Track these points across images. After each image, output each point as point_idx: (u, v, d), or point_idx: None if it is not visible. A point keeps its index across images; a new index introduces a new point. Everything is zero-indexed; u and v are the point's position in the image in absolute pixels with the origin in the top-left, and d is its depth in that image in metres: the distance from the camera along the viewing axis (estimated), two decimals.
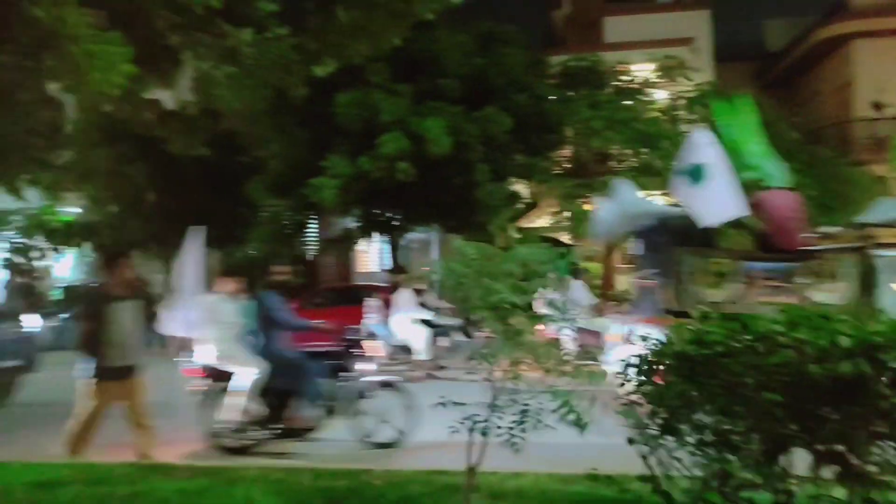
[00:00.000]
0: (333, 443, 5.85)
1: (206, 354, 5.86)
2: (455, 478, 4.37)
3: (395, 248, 15.81)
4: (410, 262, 18.60)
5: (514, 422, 2.94)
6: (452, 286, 2.92)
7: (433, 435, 5.99)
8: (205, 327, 5.76)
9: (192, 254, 6.06)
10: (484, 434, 2.96)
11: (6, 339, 7.65)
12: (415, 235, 16.90)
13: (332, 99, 12.52)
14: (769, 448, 2.35)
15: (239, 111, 7.21)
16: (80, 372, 5.19)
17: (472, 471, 3.13)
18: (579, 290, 9.89)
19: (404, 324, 10.01)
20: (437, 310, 10.54)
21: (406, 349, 10.05)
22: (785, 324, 2.41)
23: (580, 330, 9.01)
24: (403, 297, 10.31)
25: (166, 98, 8.43)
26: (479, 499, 3.89)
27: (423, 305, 10.41)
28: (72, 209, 16.64)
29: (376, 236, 15.65)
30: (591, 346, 8.84)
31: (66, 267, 18.02)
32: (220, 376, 5.81)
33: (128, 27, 4.78)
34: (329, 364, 5.89)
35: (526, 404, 2.94)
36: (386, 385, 5.90)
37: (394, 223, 14.88)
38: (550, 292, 9.53)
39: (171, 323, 5.93)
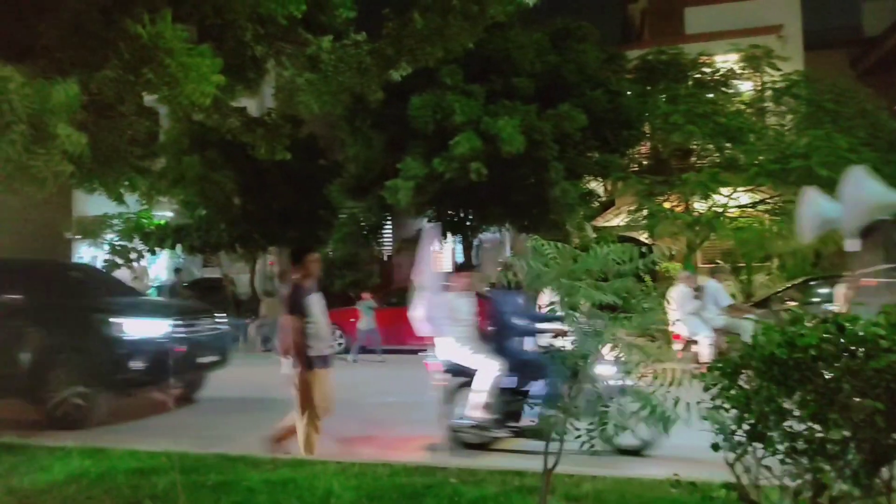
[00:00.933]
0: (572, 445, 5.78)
1: (447, 351, 5.92)
2: (531, 479, 4.36)
3: (467, 248, 15.88)
4: (483, 261, 18.62)
5: (592, 423, 2.90)
6: (529, 285, 2.91)
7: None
8: (444, 324, 5.81)
9: (427, 251, 6.03)
10: (561, 435, 2.93)
11: (208, 334, 7.96)
12: (488, 235, 16.91)
13: (406, 102, 12.71)
14: (869, 458, 2.22)
15: (319, 116, 7.46)
16: (288, 366, 5.32)
17: (548, 473, 3.10)
18: (716, 291, 9.23)
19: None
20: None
21: None
22: (887, 327, 2.27)
23: (717, 331, 8.61)
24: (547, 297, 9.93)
25: (251, 106, 8.83)
26: (556, 501, 3.86)
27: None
28: (165, 213, 17.70)
29: (450, 236, 15.76)
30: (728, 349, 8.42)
31: (161, 268, 19.14)
32: (460, 373, 5.87)
33: (217, 40, 5.04)
34: (567, 365, 5.79)
35: (605, 406, 2.89)
36: (627, 389, 5.67)
37: (467, 223, 14.94)
38: (681, 292, 8.97)
39: (418, 322, 5.93)
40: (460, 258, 16.96)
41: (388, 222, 16.99)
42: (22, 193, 3.88)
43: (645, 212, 13.53)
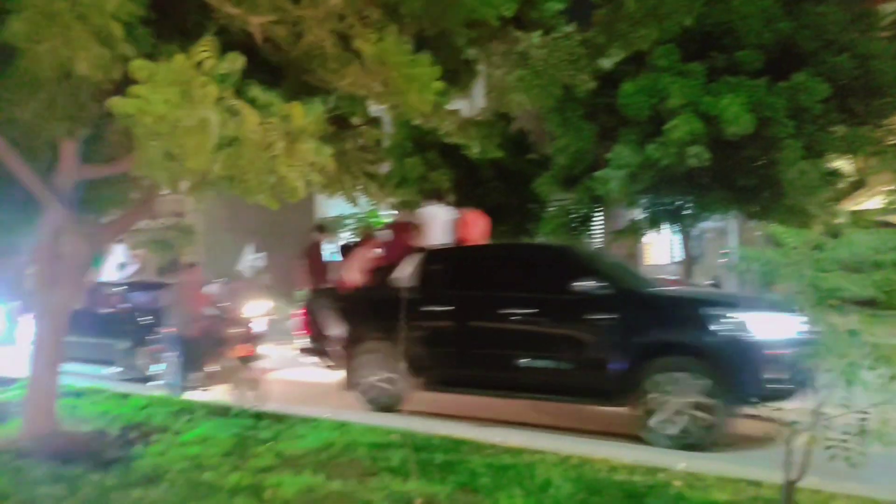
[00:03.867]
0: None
1: None
2: (768, 491, 3.98)
3: (686, 238, 14.91)
4: (704, 252, 17.34)
5: (847, 432, 2.56)
6: (766, 278, 2.65)
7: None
8: None
9: None
10: (809, 445, 2.64)
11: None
12: (709, 224, 15.71)
13: (617, 88, 12.31)
14: None
15: (528, 111, 7.56)
16: None
17: (790, 485, 2.81)
18: None
19: None
20: None
21: None
22: None
23: None
24: None
25: (464, 106, 9.23)
26: None
27: None
28: (389, 212, 19.34)
29: (666, 226, 14.94)
30: None
31: None
32: None
33: (433, 48, 5.36)
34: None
35: (865, 412, 2.53)
36: None
37: (685, 211, 14.04)
38: None
39: None
40: (679, 249, 16.00)
41: (600, 213, 16.62)
42: (278, 201, 4.51)
43: None
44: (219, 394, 7.64)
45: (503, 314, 6.56)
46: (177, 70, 3.20)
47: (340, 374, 7.59)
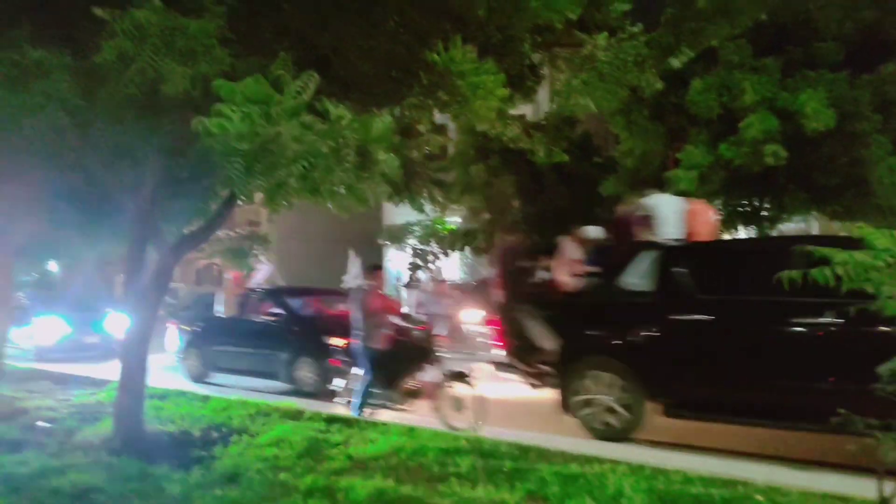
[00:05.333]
0: None
1: None
2: None
3: None
4: None
5: None
6: (854, 280, 2.51)
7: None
8: None
9: None
10: None
11: None
12: (788, 225, 15.02)
13: (685, 87, 11.97)
14: None
15: (593, 114, 7.47)
16: None
17: (885, 502, 2.65)
18: None
19: None
20: None
21: None
22: None
23: None
24: None
25: (528, 111, 9.23)
26: None
27: None
28: (454, 218, 19.47)
29: (741, 228, 14.38)
30: None
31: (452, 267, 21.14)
32: None
33: (497, 54, 5.39)
34: None
35: None
36: None
37: (762, 213, 13.47)
38: None
39: None
40: None
41: None
42: (349, 210, 4.63)
43: None
44: (422, 414, 6.83)
45: (789, 325, 5.30)
46: (255, 88, 3.36)
47: (549, 393, 6.62)
